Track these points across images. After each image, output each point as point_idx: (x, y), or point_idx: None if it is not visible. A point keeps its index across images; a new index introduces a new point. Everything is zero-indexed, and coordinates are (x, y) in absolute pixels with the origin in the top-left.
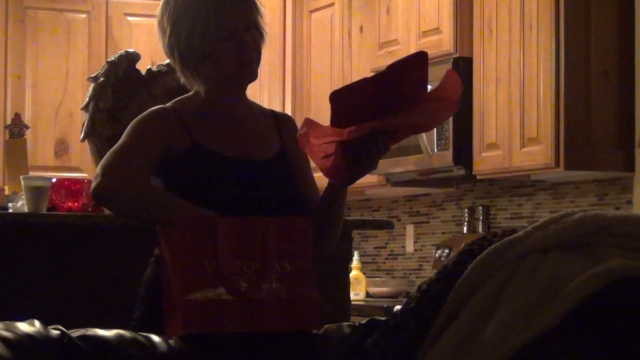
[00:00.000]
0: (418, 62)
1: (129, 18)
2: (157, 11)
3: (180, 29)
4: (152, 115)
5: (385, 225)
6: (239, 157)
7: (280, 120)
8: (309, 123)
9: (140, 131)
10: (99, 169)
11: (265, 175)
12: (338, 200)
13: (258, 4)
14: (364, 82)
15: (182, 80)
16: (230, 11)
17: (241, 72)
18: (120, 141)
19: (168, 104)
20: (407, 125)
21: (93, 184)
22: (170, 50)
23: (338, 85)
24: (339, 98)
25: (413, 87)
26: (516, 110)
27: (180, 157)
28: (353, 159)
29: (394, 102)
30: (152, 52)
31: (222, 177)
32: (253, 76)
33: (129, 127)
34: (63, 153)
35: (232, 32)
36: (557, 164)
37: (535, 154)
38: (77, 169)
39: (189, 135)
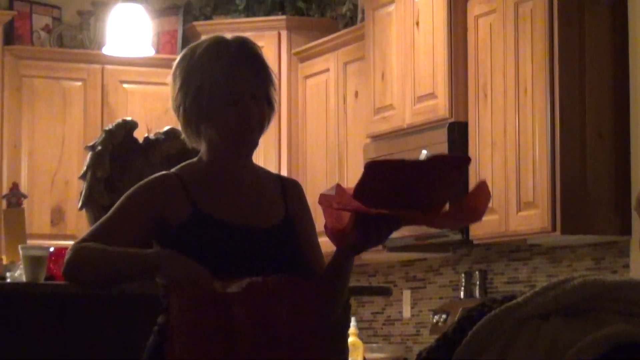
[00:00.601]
0: (460, 164)
1: (125, 85)
2: (174, 63)
3: (189, 87)
4: (148, 184)
5: (384, 292)
6: (242, 225)
7: (286, 186)
8: (339, 189)
9: (128, 202)
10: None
11: (270, 243)
12: (344, 270)
13: (272, 74)
14: (402, 163)
15: (183, 135)
16: (240, 77)
17: (240, 138)
18: (107, 214)
19: (171, 170)
20: (428, 220)
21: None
22: (177, 105)
23: (334, 150)
24: (373, 169)
25: (444, 185)
26: (512, 175)
27: (182, 225)
28: (363, 232)
29: (421, 191)
30: (147, 119)
31: (225, 245)
32: (252, 144)
33: (123, 195)
34: (59, 221)
35: (238, 99)
36: (554, 228)
37: (532, 218)
38: (73, 237)
39: (191, 203)
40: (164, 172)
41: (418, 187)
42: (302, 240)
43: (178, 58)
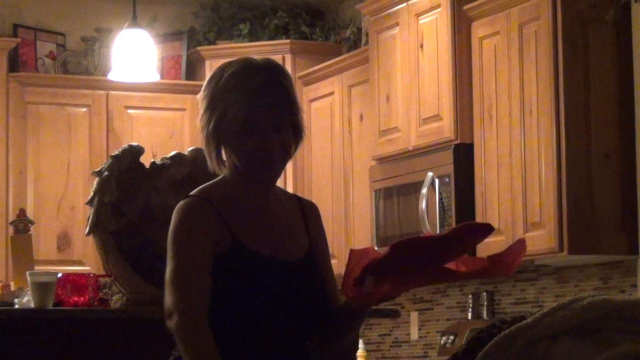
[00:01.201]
0: (483, 232)
1: (129, 111)
2: (205, 80)
3: (212, 111)
4: (191, 214)
5: (392, 314)
6: (274, 257)
7: (305, 209)
8: (397, 282)
9: (188, 240)
10: (172, 303)
11: (296, 276)
12: (359, 318)
13: (297, 101)
14: (427, 239)
15: (206, 156)
16: (262, 109)
17: (259, 169)
18: (173, 257)
19: (199, 193)
20: (459, 277)
21: (172, 321)
22: (201, 126)
23: (339, 173)
24: (399, 248)
25: (463, 248)
26: (518, 196)
27: (222, 256)
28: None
29: (444, 257)
30: (152, 144)
31: (259, 278)
32: (274, 174)
33: (173, 233)
34: (65, 247)
35: (259, 131)
36: (561, 249)
37: (539, 239)
38: (79, 262)
39: (230, 233)
40: (193, 199)
41: (441, 256)
42: (322, 270)
43: (208, 77)
